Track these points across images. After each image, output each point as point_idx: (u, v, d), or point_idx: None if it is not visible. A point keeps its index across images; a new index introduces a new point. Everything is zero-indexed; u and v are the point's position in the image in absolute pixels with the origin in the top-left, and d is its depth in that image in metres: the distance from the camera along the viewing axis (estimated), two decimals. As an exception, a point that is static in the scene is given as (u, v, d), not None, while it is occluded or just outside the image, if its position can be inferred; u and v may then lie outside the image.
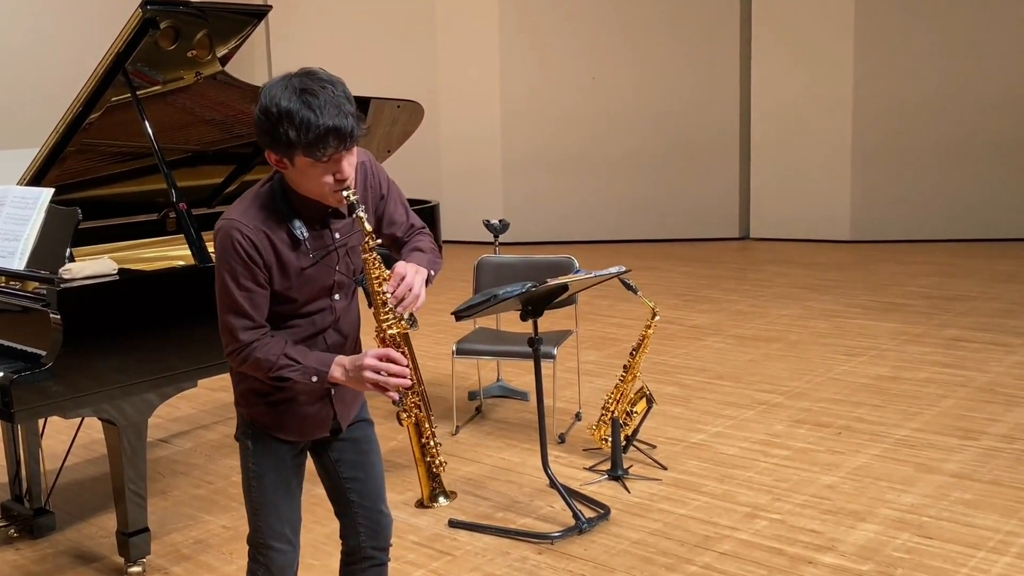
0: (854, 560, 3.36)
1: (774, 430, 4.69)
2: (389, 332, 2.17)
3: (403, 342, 2.19)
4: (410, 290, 2.17)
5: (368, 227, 2.14)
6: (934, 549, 3.42)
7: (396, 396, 2.16)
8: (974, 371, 5.51)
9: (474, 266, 5.06)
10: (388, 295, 2.16)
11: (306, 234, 2.17)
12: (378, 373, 2.12)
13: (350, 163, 2.10)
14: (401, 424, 2.25)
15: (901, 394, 5.15)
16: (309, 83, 2.01)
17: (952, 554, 3.37)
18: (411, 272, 2.18)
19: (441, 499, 2.29)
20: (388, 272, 2.18)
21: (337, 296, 2.28)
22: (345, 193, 2.10)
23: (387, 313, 2.17)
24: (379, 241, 2.19)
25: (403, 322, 2.18)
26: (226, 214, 2.17)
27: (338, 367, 2.16)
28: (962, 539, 3.48)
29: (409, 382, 2.16)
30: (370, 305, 2.22)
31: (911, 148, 10.03)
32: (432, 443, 2.28)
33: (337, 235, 2.23)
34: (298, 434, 2.34)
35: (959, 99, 9.80)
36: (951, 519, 3.65)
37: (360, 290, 2.40)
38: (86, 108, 3.77)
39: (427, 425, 2.27)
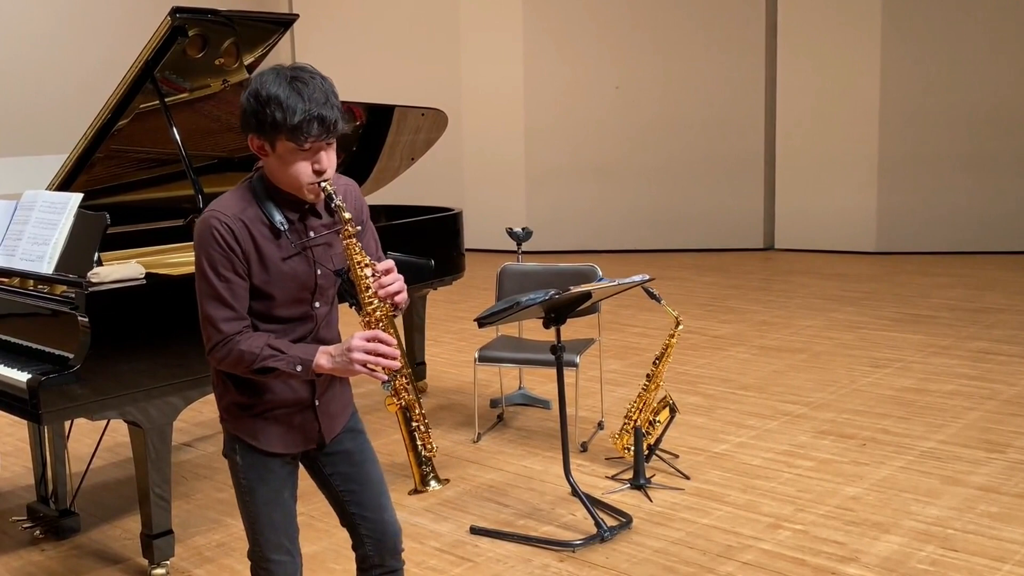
0: (878, 572, 3.33)
1: (798, 441, 4.66)
2: (376, 315, 2.16)
3: (389, 325, 2.18)
4: (392, 277, 2.19)
5: (347, 215, 2.15)
6: (959, 562, 3.38)
7: (385, 378, 2.14)
8: (1001, 384, 5.45)
9: (497, 274, 5.06)
10: (371, 279, 2.17)
11: (286, 225, 2.19)
12: (367, 354, 2.11)
13: (330, 157, 2.14)
14: (388, 406, 2.22)
15: (927, 406, 5.11)
16: (300, 73, 2.08)
17: (978, 567, 3.34)
18: (392, 263, 2.21)
19: (433, 483, 2.23)
20: (370, 260, 2.20)
21: (318, 304, 2.28)
22: (323, 184, 2.13)
23: (371, 297, 2.17)
24: (359, 228, 2.19)
25: (387, 304, 2.18)
26: (207, 207, 2.20)
27: (323, 355, 2.15)
28: (988, 552, 3.44)
29: (398, 364, 2.14)
30: (351, 304, 2.24)
31: (938, 159, 9.97)
32: (422, 427, 2.24)
33: (312, 233, 2.24)
34: (283, 446, 2.33)
35: (986, 110, 9.73)
36: (977, 532, 3.61)
37: (339, 306, 2.40)
38: (115, 115, 3.82)
39: (417, 410, 2.23)
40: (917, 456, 4.40)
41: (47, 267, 3.38)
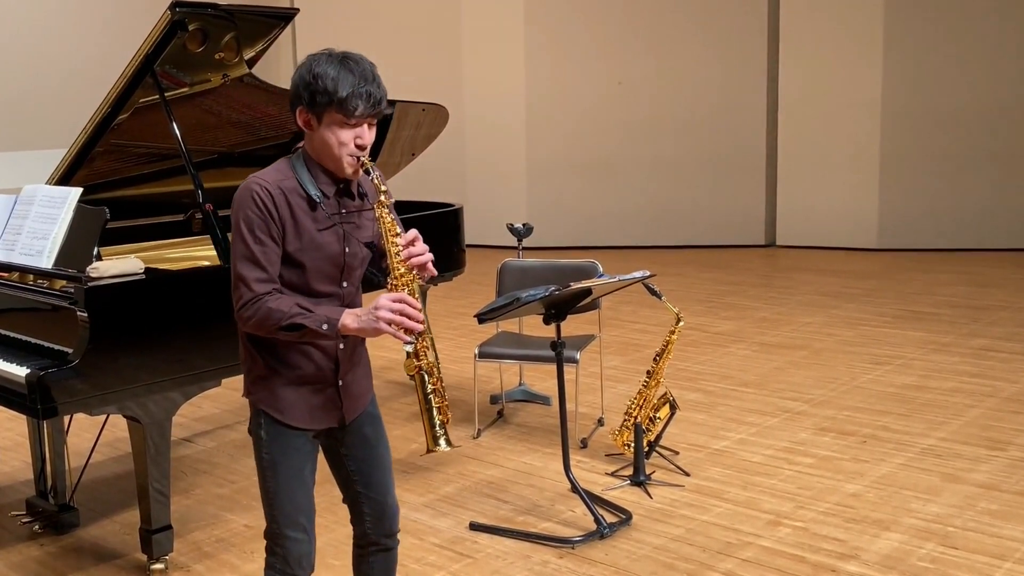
0: (878, 569, 3.32)
1: (798, 438, 4.66)
2: (403, 280, 2.27)
3: (414, 292, 2.28)
4: (421, 247, 2.30)
5: (384, 187, 2.29)
6: (960, 559, 3.37)
7: (408, 339, 2.23)
8: (1002, 381, 5.44)
9: (497, 269, 5.05)
10: (400, 246, 2.28)
11: (321, 198, 2.30)
12: (393, 314, 2.19)
13: (371, 135, 2.28)
14: (410, 376, 2.30)
15: (927, 403, 5.10)
16: (350, 54, 2.25)
17: (978, 564, 3.33)
18: (418, 232, 2.33)
19: (442, 443, 2.30)
20: (400, 231, 2.31)
21: (345, 284, 2.37)
22: (363, 159, 2.27)
23: (399, 264, 2.28)
24: (393, 200, 2.32)
25: (412, 271, 2.29)
26: (248, 177, 2.32)
27: (350, 315, 2.23)
28: (988, 550, 3.44)
29: (422, 326, 2.23)
30: (378, 280, 2.37)
31: (939, 156, 9.95)
32: (439, 391, 2.32)
33: (344, 211, 2.35)
34: (307, 421, 2.39)
35: (988, 106, 9.71)
36: (977, 529, 3.61)
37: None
38: (115, 109, 3.80)
39: (435, 374, 2.32)
40: (917, 453, 4.39)
41: (46, 262, 3.37)
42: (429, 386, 2.30)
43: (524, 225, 5.43)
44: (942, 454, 4.38)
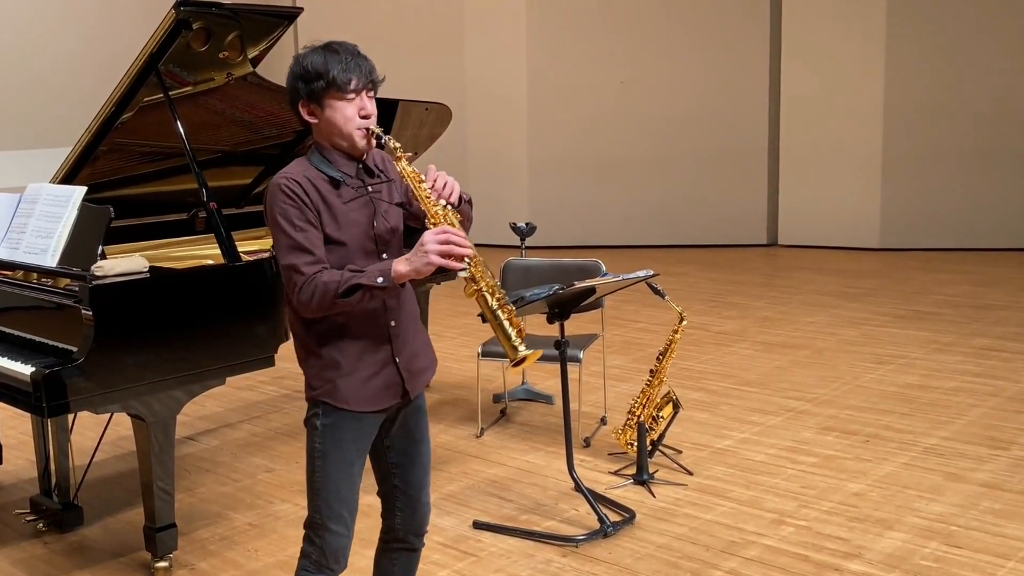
0: (881, 568, 3.33)
1: (801, 437, 4.66)
2: (440, 214, 2.33)
3: (454, 222, 2.35)
4: (444, 182, 2.40)
5: (397, 144, 2.38)
6: (963, 558, 3.38)
7: (461, 266, 2.27)
8: (1004, 380, 5.44)
9: (501, 269, 5.05)
10: (427, 188, 2.37)
11: (344, 177, 2.39)
12: (441, 245, 2.25)
13: (372, 104, 2.38)
14: (468, 294, 2.35)
15: (930, 403, 5.10)
16: (332, 41, 2.39)
17: (981, 564, 3.33)
18: (433, 167, 2.43)
19: (522, 348, 2.33)
20: (423, 176, 2.40)
21: (385, 255, 2.42)
22: (372, 128, 2.36)
23: (434, 204, 2.36)
24: (410, 155, 2.43)
25: (447, 207, 2.36)
26: (273, 176, 2.40)
27: (400, 262, 2.29)
28: (991, 549, 3.44)
29: (471, 251, 2.29)
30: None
31: (942, 156, 9.94)
32: (505, 304, 2.35)
33: (370, 188, 2.44)
34: (371, 403, 2.43)
35: (990, 106, 9.70)
36: (980, 528, 3.61)
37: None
38: (119, 108, 3.81)
39: (496, 293, 2.35)
40: (920, 452, 4.40)
41: (51, 260, 3.37)
42: (494, 303, 2.33)
43: (527, 224, 5.42)
44: (945, 453, 4.38)
